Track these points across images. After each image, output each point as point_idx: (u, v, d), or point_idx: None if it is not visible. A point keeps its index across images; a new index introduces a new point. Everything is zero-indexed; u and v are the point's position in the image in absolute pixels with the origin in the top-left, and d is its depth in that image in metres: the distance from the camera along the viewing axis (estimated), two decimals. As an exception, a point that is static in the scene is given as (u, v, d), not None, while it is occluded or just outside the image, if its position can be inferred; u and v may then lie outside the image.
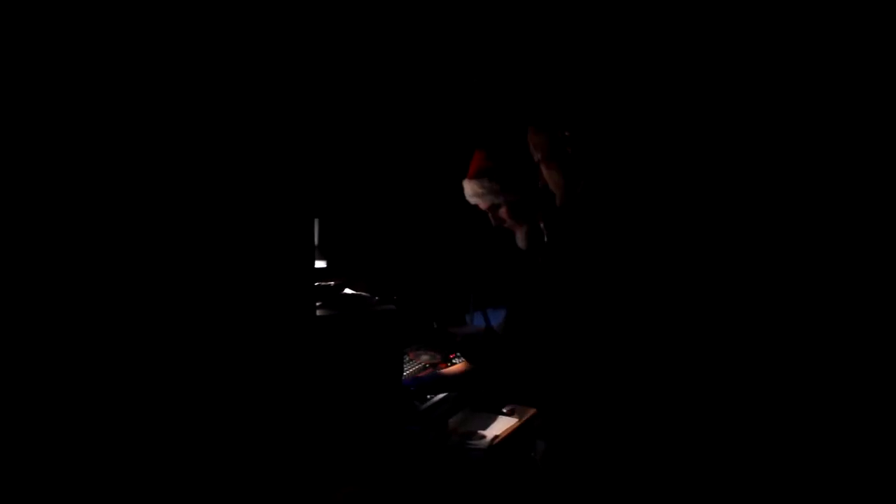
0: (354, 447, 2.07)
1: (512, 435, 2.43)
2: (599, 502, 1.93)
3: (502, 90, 2.70)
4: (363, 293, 2.28)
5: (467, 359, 2.44)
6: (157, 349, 1.61)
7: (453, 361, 2.65)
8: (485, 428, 2.45)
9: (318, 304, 2.11)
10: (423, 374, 2.57)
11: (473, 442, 2.38)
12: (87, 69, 1.51)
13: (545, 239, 2.35)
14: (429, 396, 2.44)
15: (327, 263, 2.41)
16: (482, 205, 2.40)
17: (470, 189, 2.39)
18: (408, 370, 2.57)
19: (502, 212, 2.38)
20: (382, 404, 2.16)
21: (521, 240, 2.38)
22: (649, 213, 1.80)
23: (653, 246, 1.77)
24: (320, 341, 1.98)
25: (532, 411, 2.50)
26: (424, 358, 2.61)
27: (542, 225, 2.37)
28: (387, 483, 2.10)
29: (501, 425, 2.47)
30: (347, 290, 2.27)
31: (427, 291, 2.79)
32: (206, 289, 1.69)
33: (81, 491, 1.52)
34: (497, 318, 2.75)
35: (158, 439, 1.61)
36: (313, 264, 2.01)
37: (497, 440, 2.38)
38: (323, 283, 2.23)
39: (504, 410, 2.55)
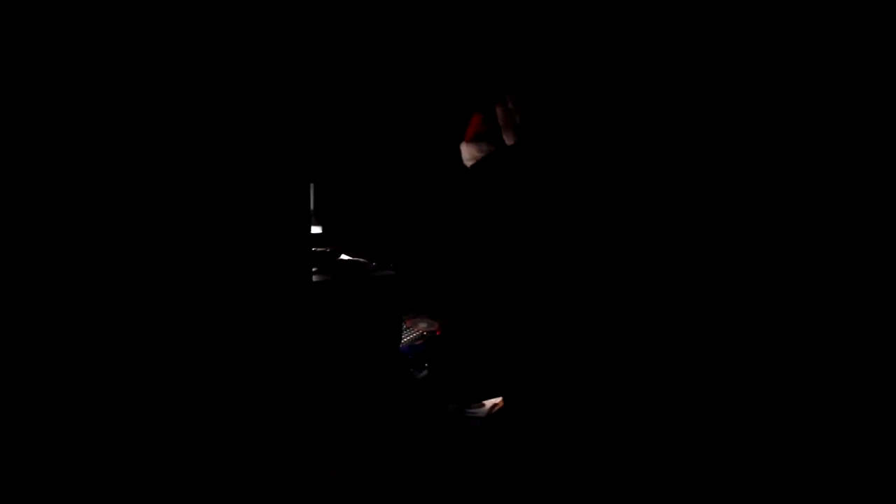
0: (351, 417, 2.05)
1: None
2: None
3: (500, 53, 2.64)
4: (360, 259, 2.23)
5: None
6: (151, 314, 1.60)
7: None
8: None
9: (313, 269, 2.07)
10: (419, 342, 2.54)
11: (472, 410, 2.35)
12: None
13: None
14: (426, 364, 2.40)
15: (323, 230, 2.36)
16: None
17: (468, 153, 2.34)
18: (405, 338, 2.54)
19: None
20: (380, 373, 2.13)
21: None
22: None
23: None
24: (316, 307, 1.94)
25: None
26: (422, 326, 2.57)
27: None
28: (384, 453, 2.08)
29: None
30: (344, 257, 2.22)
31: (424, 258, 2.74)
32: (200, 255, 1.68)
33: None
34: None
35: (151, 403, 1.61)
36: (309, 230, 1.96)
37: (496, 408, 2.35)
38: (318, 249, 2.18)
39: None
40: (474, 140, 2.32)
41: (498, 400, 2.38)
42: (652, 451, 1.84)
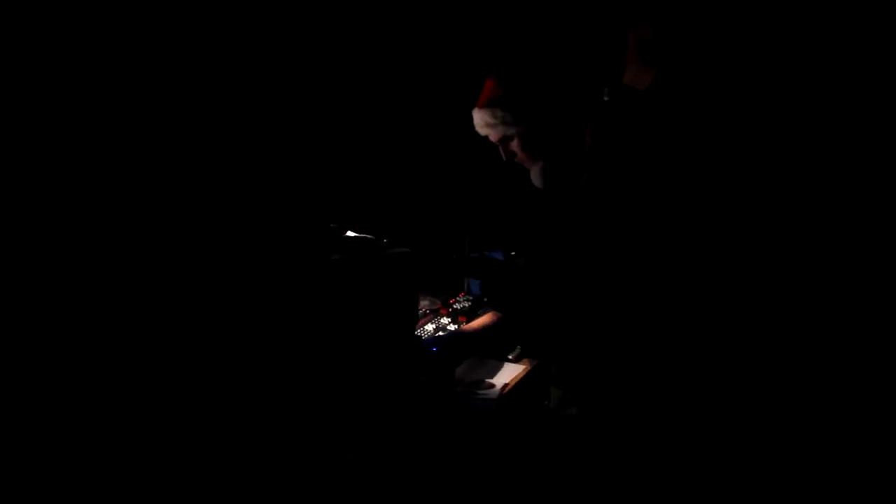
0: (370, 401, 1.92)
1: (521, 383, 2.32)
2: (621, 454, 1.83)
3: (516, 13, 2.50)
4: (367, 235, 2.09)
5: (490, 297, 2.24)
6: (166, 294, 1.55)
7: (454, 307, 2.50)
8: (492, 376, 2.33)
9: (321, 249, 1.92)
10: (440, 332, 2.40)
11: (482, 392, 2.25)
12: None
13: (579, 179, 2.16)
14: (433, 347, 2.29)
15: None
16: (492, 136, 2.21)
17: (479, 119, 2.20)
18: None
19: (514, 145, 2.20)
20: (397, 356, 2.00)
21: (536, 177, 2.20)
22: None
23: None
24: (333, 289, 1.79)
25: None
26: (424, 304, 2.45)
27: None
28: (402, 438, 1.97)
29: (509, 373, 2.35)
30: (350, 233, 2.07)
31: (420, 230, 2.61)
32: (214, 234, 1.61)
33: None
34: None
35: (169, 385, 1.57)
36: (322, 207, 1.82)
37: (507, 389, 2.26)
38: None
39: (510, 357, 2.43)
40: (487, 105, 2.18)
41: (508, 380, 2.29)
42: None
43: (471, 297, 2.53)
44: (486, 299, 2.44)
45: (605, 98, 1.75)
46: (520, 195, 2.34)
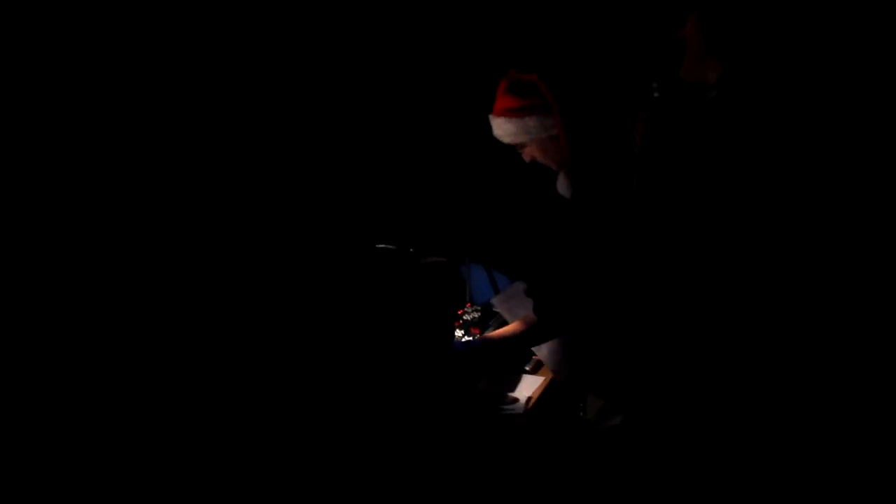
0: (408, 415, 1.80)
1: (546, 394, 2.23)
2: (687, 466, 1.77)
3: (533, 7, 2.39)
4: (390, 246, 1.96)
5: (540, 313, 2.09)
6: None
7: (464, 318, 2.38)
8: (513, 389, 2.23)
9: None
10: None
11: (508, 406, 2.15)
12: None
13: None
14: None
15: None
16: (513, 142, 2.11)
17: (498, 126, 2.09)
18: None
19: (536, 150, 2.10)
20: (429, 369, 1.88)
21: (563, 185, 2.11)
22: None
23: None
24: (374, 300, 1.66)
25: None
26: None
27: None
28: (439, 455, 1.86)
29: (530, 385, 2.26)
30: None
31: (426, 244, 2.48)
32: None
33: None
34: (502, 282, 2.50)
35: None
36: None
37: (532, 402, 2.16)
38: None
39: (527, 368, 2.34)
40: (506, 113, 2.06)
41: (531, 392, 2.19)
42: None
43: (478, 308, 2.43)
44: (495, 306, 2.34)
45: (655, 94, 1.67)
46: (536, 203, 2.25)
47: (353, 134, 2.24)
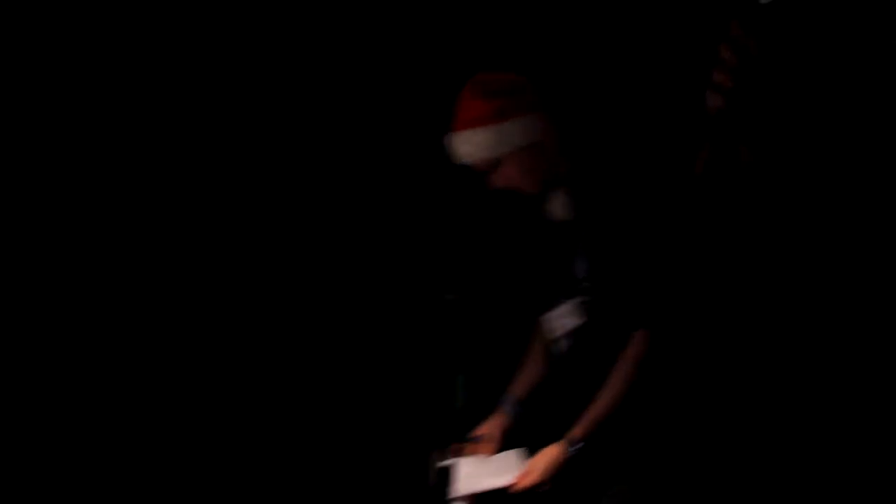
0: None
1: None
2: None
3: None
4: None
5: None
6: None
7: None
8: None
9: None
10: None
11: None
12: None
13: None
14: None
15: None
16: (479, 163, 1.71)
17: (461, 144, 1.69)
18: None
19: (506, 170, 1.70)
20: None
21: (559, 204, 1.72)
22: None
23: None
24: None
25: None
26: None
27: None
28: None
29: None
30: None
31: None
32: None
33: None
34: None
35: None
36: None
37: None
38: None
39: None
40: (471, 126, 1.68)
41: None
42: None
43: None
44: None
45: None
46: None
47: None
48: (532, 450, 1.77)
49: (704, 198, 1.56)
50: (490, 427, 1.91)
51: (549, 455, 1.68)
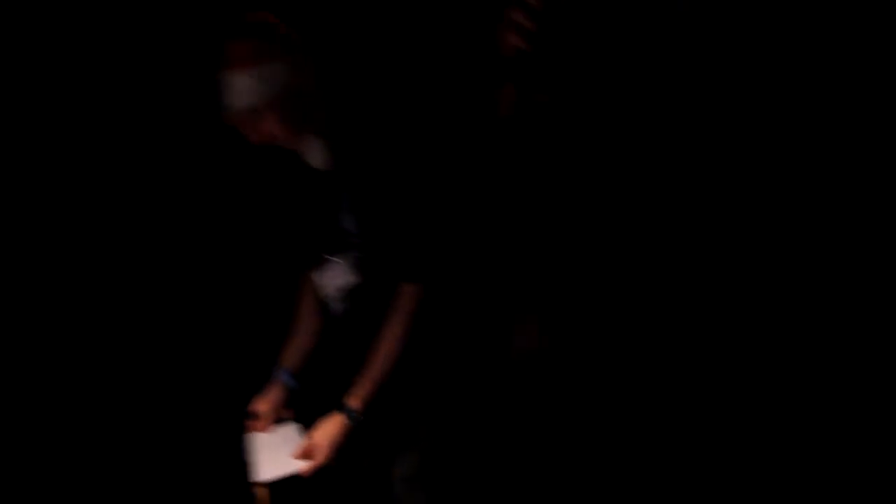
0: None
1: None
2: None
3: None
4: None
5: None
6: None
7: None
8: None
9: None
10: None
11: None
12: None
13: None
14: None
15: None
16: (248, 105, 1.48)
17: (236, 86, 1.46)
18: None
19: (267, 122, 1.49)
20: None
21: (317, 152, 1.53)
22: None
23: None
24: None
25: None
26: None
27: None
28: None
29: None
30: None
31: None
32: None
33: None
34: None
35: None
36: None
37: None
38: None
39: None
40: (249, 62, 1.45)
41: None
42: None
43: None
44: None
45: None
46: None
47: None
48: (313, 420, 1.62)
49: (511, 141, 1.45)
50: (264, 402, 1.73)
51: (329, 428, 1.55)
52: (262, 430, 1.72)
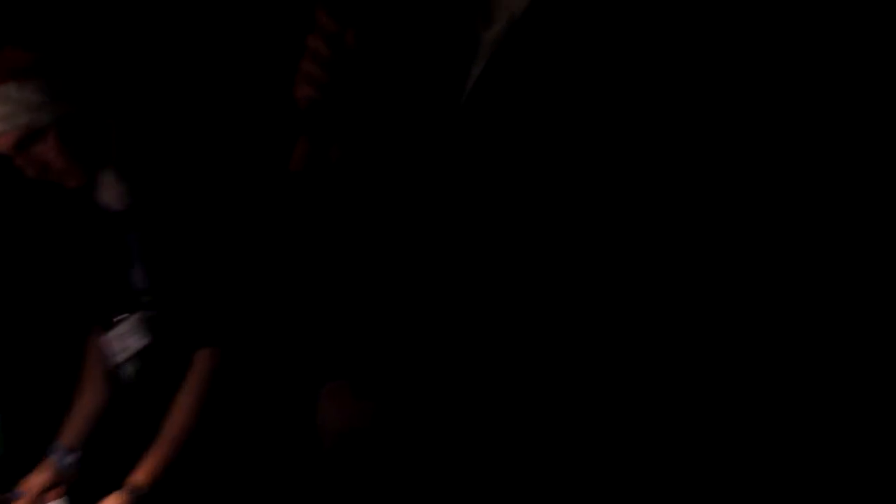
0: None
1: None
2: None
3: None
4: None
5: None
6: None
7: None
8: None
9: None
10: None
11: None
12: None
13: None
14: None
15: None
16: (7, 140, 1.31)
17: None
18: None
19: (48, 147, 1.33)
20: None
21: (110, 189, 1.38)
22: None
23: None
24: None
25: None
26: None
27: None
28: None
29: None
30: None
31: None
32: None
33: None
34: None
35: None
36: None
37: None
38: None
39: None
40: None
41: None
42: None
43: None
44: None
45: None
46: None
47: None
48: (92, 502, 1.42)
49: (303, 195, 1.36)
50: (33, 482, 1.51)
51: None
52: None
